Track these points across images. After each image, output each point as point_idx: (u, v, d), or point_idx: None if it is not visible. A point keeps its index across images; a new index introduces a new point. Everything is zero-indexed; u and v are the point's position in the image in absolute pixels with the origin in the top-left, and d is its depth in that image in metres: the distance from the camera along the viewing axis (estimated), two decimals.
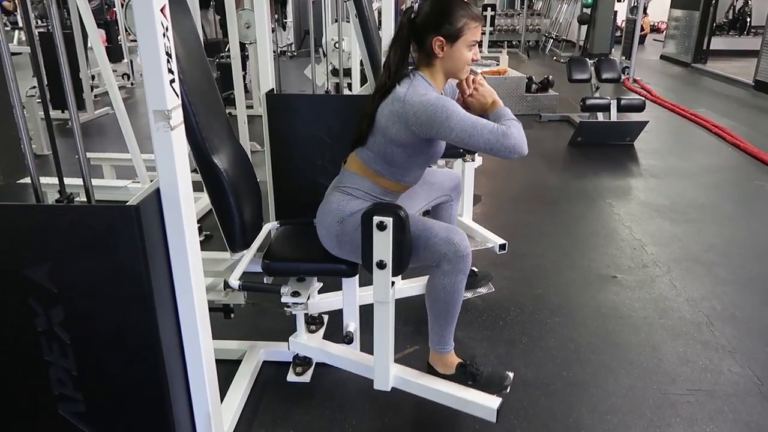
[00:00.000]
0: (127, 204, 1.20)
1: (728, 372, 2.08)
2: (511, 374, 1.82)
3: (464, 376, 1.78)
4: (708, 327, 2.35)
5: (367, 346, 1.83)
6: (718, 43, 10.21)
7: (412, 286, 2.39)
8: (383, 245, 1.58)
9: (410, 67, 1.75)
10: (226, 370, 1.95)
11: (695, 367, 2.10)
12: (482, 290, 2.56)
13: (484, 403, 1.68)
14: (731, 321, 2.39)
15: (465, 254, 1.67)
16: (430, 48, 1.68)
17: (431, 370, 1.84)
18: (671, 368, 2.09)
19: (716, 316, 2.42)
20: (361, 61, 3.24)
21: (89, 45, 4.78)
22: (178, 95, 1.24)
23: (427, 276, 1.76)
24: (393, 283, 1.67)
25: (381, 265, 1.61)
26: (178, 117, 1.23)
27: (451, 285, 1.69)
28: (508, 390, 1.78)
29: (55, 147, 1.42)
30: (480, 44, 1.76)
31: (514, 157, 1.61)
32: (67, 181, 1.40)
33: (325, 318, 2.30)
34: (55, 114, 5.10)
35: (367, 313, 2.16)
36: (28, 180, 1.30)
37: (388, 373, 1.76)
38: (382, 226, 1.56)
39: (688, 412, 1.88)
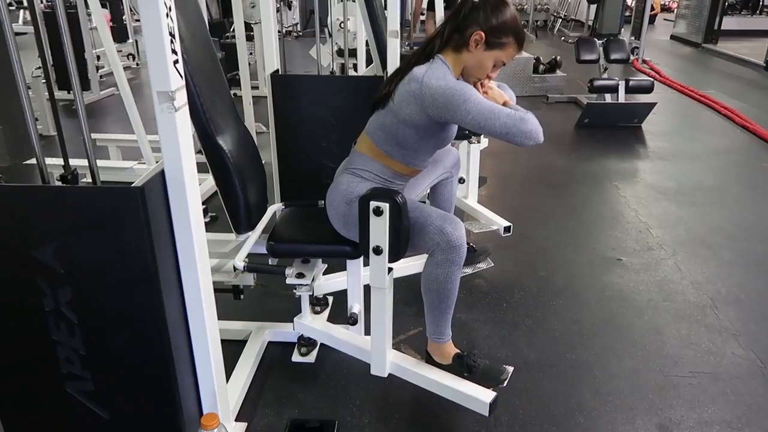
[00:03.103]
0: (132, 185, 1.21)
1: (731, 355, 2.08)
2: (510, 368, 1.78)
3: (460, 367, 1.76)
4: (712, 310, 2.35)
5: (371, 328, 1.84)
6: (729, 22, 10.06)
7: (418, 264, 2.38)
8: (380, 231, 1.57)
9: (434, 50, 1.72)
10: (232, 350, 1.97)
11: (698, 350, 2.10)
12: (482, 265, 2.56)
13: (478, 397, 1.65)
14: (736, 304, 2.39)
15: (458, 244, 1.64)
16: (468, 37, 1.66)
17: (429, 358, 1.83)
18: (674, 351, 2.10)
19: (721, 299, 2.42)
20: (367, 41, 3.21)
21: (94, 24, 4.75)
22: (182, 76, 1.23)
23: None
24: (390, 269, 1.66)
25: (377, 251, 1.59)
26: (182, 98, 1.23)
27: (444, 276, 1.66)
28: (505, 384, 1.75)
29: (60, 127, 1.43)
30: None
31: (530, 144, 1.60)
32: (73, 162, 1.41)
33: (330, 299, 2.31)
34: (60, 95, 5.10)
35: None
36: (34, 161, 1.30)
37: (385, 359, 1.75)
38: (378, 212, 1.54)
39: (690, 394, 1.89)
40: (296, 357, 2.03)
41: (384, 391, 1.88)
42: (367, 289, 2.10)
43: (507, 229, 2.68)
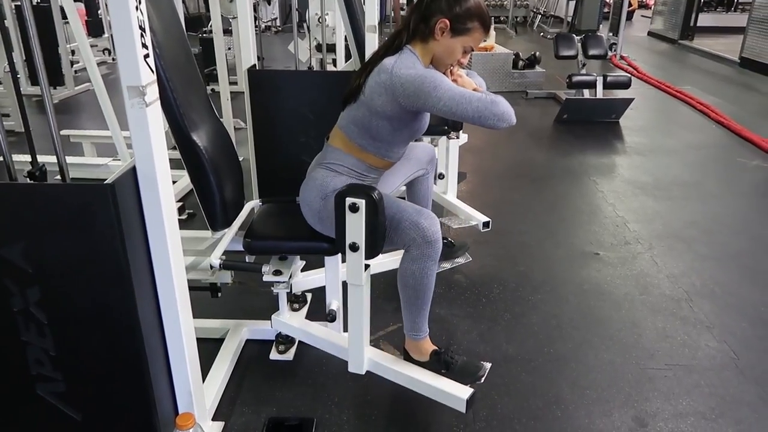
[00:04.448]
0: (103, 183, 1.18)
1: (705, 347, 2.11)
2: (487, 365, 1.77)
3: (438, 364, 1.75)
4: (687, 303, 2.38)
5: (348, 326, 1.83)
6: (705, 19, 10.20)
7: (394, 260, 2.37)
8: (356, 227, 1.55)
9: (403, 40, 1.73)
10: (209, 348, 1.95)
11: (674, 343, 2.13)
12: (460, 260, 2.56)
13: (455, 393, 1.65)
14: (710, 297, 2.42)
15: (433, 239, 1.63)
16: (432, 27, 1.66)
17: (407, 355, 1.82)
18: (650, 343, 2.12)
19: (695, 292, 2.45)
20: (346, 36, 3.19)
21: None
22: (153, 71, 1.21)
23: None
24: (367, 266, 1.65)
25: (354, 248, 1.58)
26: (153, 93, 1.21)
27: (420, 271, 1.66)
28: (482, 380, 1.74)
29: (27, 123, 1.39)
30: None
31: (503, 126, 1.59)
32: (45, 159, 1.37)
33: (309, 296, 2.30)
34: (34, 90, 5.00)
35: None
36: (0, 158, 1.27)
37: (363, 356, 1.74)
38: (354, 208, 1.52)
39: (665, 386, 1.91)
40: (274, 355, 2.02)
41: (363, 388, 1.87)
42: (346, 285, 2.10)
43: (486, 224, 2.69)
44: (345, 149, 1.76)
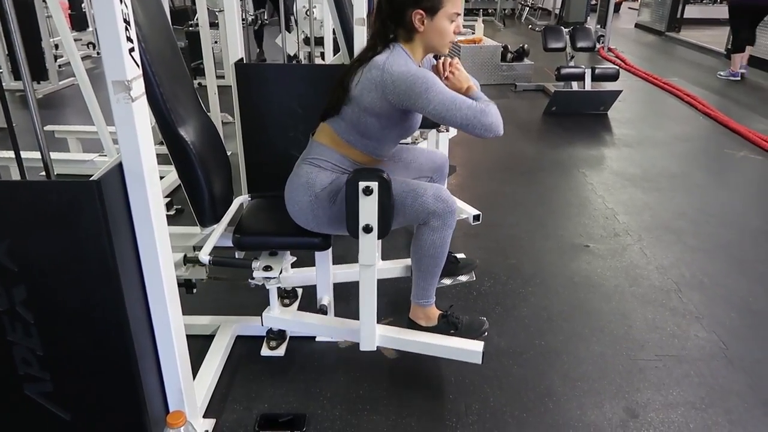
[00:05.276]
0: (88, 179, 1.16)
1: (695, 337, 2.13)
2: (485, 319, 1.92)
3: (447, 325, 1.86)
4: (676, 294, 2.39)
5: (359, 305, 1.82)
6: (692, 11, 10.25)
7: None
8: (369, 209, 1.60)
9: (390, 36, 1.71)
10: (199, 345, 1.94)
11: (663, 334, 2.14)
12: (462, 278, 2.55)
13: (470, 348, 1.77)
14: (699, 288, 2.44)
15: (453, 209, 1.72)
16: (410, 22, 1.64)
17: (413, 325, 1.90)
18: (640, 335, 2.13)
19: (685, 283, 2.47)
20: (334, 29, 3.17)
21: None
22: (138, 65, 1.19)
23: (407, 249, 1.75)
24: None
25: (367, 229, 1.62)
26: (139, 88, 1.19)
27: (441, 240, 1.74)
28: (486, 334, 1.88)
29: (9, 119, 1.36)
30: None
31: (489, 136, 1.61)
32: (29, 155, 1.35)
33: (299, 291, 2.28)
34: (17, 85, 4.92)
35: (339, 288, 2.17)
36: None
37: (374, 333, 1.80)
38: (368, 191, 1.57)
39: (656, 377, 1.92)
40: (265, 351, 2.00)
41: (355, 383, 1.86)
42: (336, 282, 2.09)
43: (476, 217, 2.69)
44: (330, 144, 1.74)
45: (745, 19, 6.25)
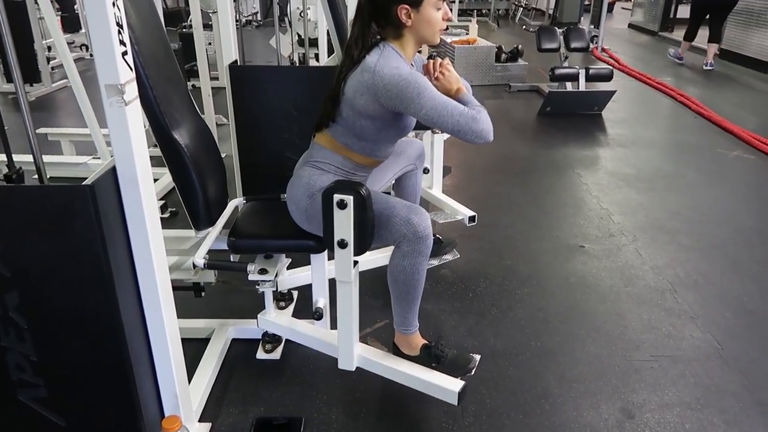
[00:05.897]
0: (81, 183, 1.15)
1: (690, 337, 2.13)
2: (477, 356, 1.80)
3: (428, 357, 1.75)
4: (671, 294, 2.40)
5: (337, 322, 1.82)
6: (685, 11, 10.21)
7: (382, 257, 2.36)
8: (344, 224, 1.54)
9: (378, 37, 1.70)
10: (195, 349, 1.93)
11: (659, 334, 2.15)
12: (448, 257, 2.57)
13: (446, 386, 1.66)
14: (694, 288, 2.45)
15: (424, 235, 1.63)
16: (396, 19, 1.62)
17: (397, 350, 1.82)
18: (636, 335, 2.14)
19: (679, 283, 2.47)
20: (328, 30, 3.16)
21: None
22: (131, 68, 1.18)
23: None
24: (356, 262, 1.64)
25: (342, 245, 1.56)
26: (132, 91, 1.18)
27: (411, 266, 1.65)
28: (472, 372, 1.76)
29: (1, 122, 1.35)
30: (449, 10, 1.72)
31: (480, 142, 1.59)
32: (21, 158, 1.34)
33: (295, 294, 2.28)
34: (9, 87, 4.90)
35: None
36: None
37: (353, 353, 1.73)
38: (342, 205, 1.51)
39: (651, 377, 1.93)
40: (261, 354, 2.00)
41: (351, 385, 1.86)
42: (332, 283, 2.07)
43: (472, 218, 2.69)
44: (331, 147, 1.73)
45: (698, 13, 6.94)
